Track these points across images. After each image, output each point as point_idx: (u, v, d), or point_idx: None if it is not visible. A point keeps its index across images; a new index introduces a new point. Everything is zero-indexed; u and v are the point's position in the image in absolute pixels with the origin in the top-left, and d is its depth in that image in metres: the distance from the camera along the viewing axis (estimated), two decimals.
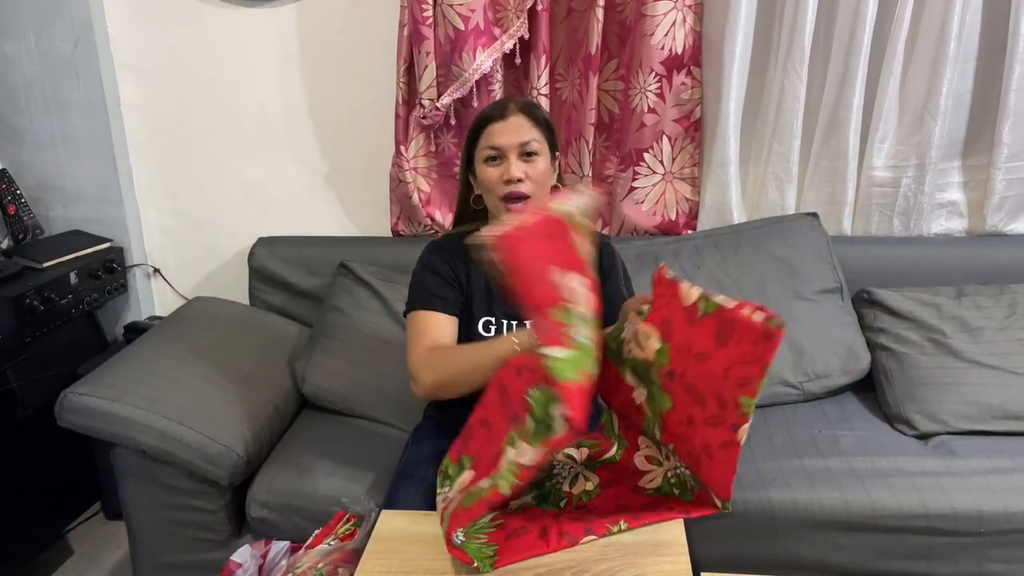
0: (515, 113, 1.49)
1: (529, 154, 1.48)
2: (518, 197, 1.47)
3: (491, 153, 1.48)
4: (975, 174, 2.12)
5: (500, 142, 1.47)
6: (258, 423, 1.78)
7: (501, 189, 1.48)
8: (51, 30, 2.19)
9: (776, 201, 2.15)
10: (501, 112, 1.49)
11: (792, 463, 1.66)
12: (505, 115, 1.48)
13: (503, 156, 1.48)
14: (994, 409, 1.75)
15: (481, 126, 1.51)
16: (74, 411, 1.68)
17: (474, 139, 1.52)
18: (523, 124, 1.48)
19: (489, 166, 1.49)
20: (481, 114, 1.53)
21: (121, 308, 2.45)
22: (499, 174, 1.48)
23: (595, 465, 1.34)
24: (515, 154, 1.47)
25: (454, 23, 1.96)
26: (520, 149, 1.47)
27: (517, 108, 1.50)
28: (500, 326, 1.53)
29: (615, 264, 1.61)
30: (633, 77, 2.04)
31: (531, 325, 1.36)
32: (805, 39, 1.97)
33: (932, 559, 1.57)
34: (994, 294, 1.92)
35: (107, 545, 2.23)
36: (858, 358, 1.92)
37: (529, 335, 1.29)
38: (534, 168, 1.48)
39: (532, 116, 1.49)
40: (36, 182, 2.33)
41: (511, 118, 1.48)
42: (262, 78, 2.25)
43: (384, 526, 1.26)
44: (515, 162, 1.47)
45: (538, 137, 1.49)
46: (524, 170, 1.47)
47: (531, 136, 1.48)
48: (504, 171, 1.47)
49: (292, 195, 2.35)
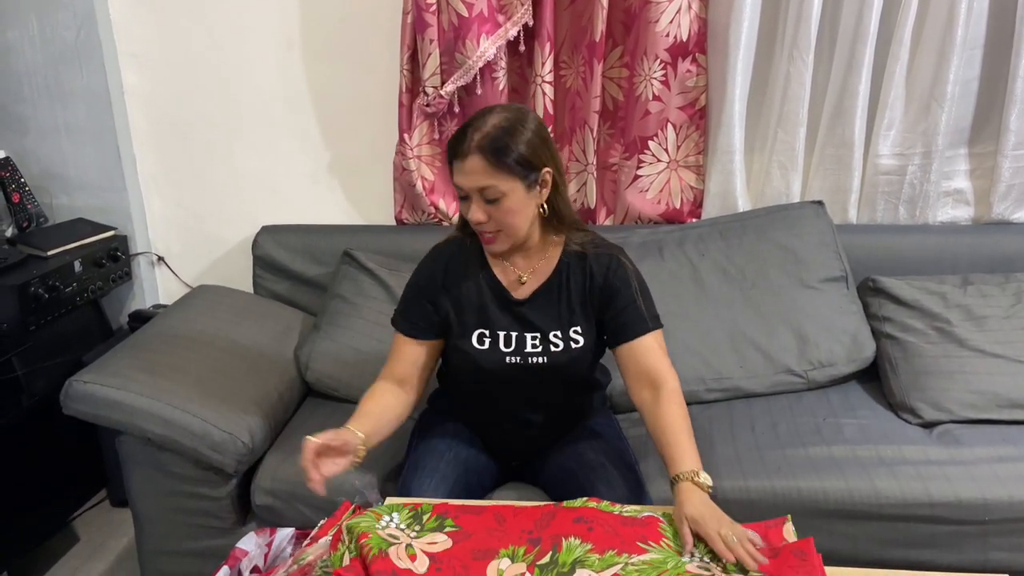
0: (473, 154, 1.34)
1: (489, 200, 1.38)
2: (486, 232, 1.42)
3: (460, 192, 1.41)
4: (981, 162, 2.11)
5: (460, 183, 1.39)
6: (262, 411, 1.78)
7: (472, 222, 1.42)
8: (54, 18, 2.18)
9: (781, 189, 2.14)
10: (461, 151, 1.36)
11: (796, 451, 1.66)
12: (464, 156, 1.35)
13: (468, 196, 1.39)
14: (999, 398, 1.75)
15: (450, 158, 1.40)
16: (79, 399, 1.69)
17: (450, 165, 1.43)
18: (479, 167, 1.35)
19: (461, 200, 1.43)
20: (450, 141, 1.41)
21: (125, 296, 2.45)
22: (466, 210, 1.41)
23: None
24: (476, 196, 1.38)
25: (458, 10, 1.95)
26: (480, 193, 1.37)
27: (476, 148, 1.34)
28: (496, 339, 1.49)
29: (628, 280, 1.48)
30: (638, 64, 2.03)
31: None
32: (811, 26, 1.96)
33: (936, 547, 1.57)
34: (999, 282, 1.92)
35: (113, 532, 2.24)
36: (863, 346, 1.91)
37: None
38: (497, 209, 1.38)
39: (491, 158, 1.34)
40: (40, 170, 2.33)
41: (469, 159, 1.35)
42: (265, 66, 2.25)
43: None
44: (475, 206, 1.39)
45: (499, 180, 1.35)
46: (487, 212, 1.38)
47: (488, 182, 1.35)
48: (469, 211, 1.40)
49: (296, 183, 2.35)
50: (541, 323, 1.48)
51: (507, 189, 1.37)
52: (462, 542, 1.22)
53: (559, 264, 1.49)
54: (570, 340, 1.48)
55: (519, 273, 1.50)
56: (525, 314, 1.49)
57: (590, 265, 1.48)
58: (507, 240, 1.44)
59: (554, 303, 1.49)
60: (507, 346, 1.49)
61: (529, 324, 1.49)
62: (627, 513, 1.28)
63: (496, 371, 1.49)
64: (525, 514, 1.29)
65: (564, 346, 1.48)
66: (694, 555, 1.19)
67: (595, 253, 1.49)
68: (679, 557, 1.17)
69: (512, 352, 1.48)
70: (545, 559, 1.17)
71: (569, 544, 1.20)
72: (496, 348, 1.49)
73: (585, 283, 1.48)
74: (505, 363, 1.48)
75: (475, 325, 1.50)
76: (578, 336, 1.48)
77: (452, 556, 1.19)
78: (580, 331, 1.48)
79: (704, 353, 1.90)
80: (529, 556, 1.18)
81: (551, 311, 1.49)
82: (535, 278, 1.50)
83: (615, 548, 1.18)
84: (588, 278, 1.48)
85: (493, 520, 1.27)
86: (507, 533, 1.24)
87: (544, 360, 1.48)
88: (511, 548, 1.20)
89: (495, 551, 1.20)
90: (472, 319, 1.50)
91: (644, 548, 1.19)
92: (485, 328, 1.50)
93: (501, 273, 1.51)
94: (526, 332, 1.49)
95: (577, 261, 1.49)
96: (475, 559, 1.18)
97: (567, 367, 1.49)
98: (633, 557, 1.16)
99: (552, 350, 1.48)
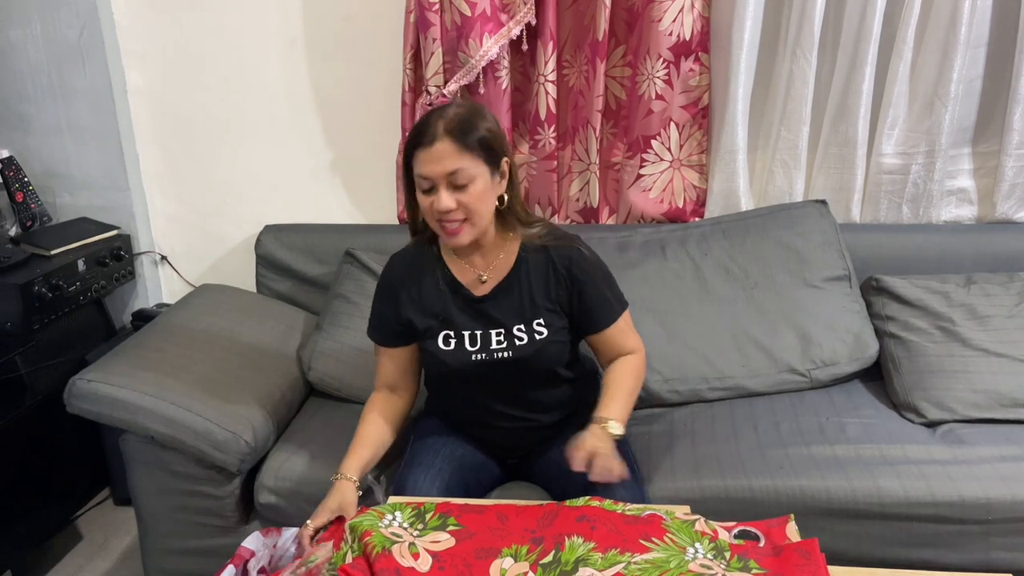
0: (441, 138, 1.37)
1: (458, 186, 1.39)
2: (452, 222, 1.43)
3: (424, 184, 1.41)
4: (985, 161, 2.11)
5: (426, 171, 1.39)
6: (265, 410, 1.79)
7: (436, 215, 1.42)
8: (57, 17, 2.18)
9: (784, 188, 2.14)
10: (427, 137, 1.38)
11: (799, 451, 1.65)
12: (432, 141, 1.37)
13: (434, 185, 1.40)
14: (1003, 397, 1.75)
15: (410, 149, 1.41)
16: (83, 397, 1.69)
17: (408, 160, 1.44)
18: (449, 151, 1.37)
19: (422, 193, 1.43)
20: (410, 135, 1.43)
21: (128, 295, 2.46)
22: (430, 203, 1.41)
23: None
24: (444, 184, 1.39)
25: (461, 9, 1.95)
26: (448, 179, 1.38)
27: (444, 131, 1.37)
28: (460, 339, 1.51)
29: (591, 271, 1.53)
30: (641, 63, 2.03)
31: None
32: (814, 24, 1.96)
33: (939, 547, 1.57)
34: (1003, 282, 1.91)
35: (116, 531, 2.24)
36: (866, 346, 1.91)
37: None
38: (466, 195, 1.40)
39: (459, 141, 1.37)
40: (43, 169, 2.34)
41: (437, 144, 1.37)
42: (268, 65, 2.25)
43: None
44: (443, 193, 1.39)
45: (468, 163, 1.38)
46: (456, 199, 1.39)
47: (458, 164, 1.37)
48: (435, 201, 1.40)
49: (298, 182, 2.35)
50: (503, 318, 1.51)
51: (475, 173, 1.39)
52: (465, 541, 1.22)
53: (518, 259, 1.52)
54: (534, 332, 1.50)
55: (478, 272, 1.53)
56: (487, 311, 1.52)
57: (551, 258, 1.51)
58: (472, 230, 1.44)
59: (515, 297, 1.51)
60: (472, 344, 1.51)
61: (492, 320, 1.51)
62: (629, 512, 1.28)
63: (464, 370, 1.51)
64: (528, 513, 1.29)
65: (528, 339, 1.50)
66: (698, 552, 1.19)
67: (555, 246, 1.52)
68: (682, 555, 1.18)
69: (478, 350, 1.51)
70: (548, 558, 1.17)
71: (572, 543, 1.20)
72: (462, 347, 1.51)
73: (548, 275, 1.51)
74: (472, 361, 1.51)
75: (439, 327, 1.53)
76: (542, 328, 1.50)
77: (455, 555, 1.19)
78: (543, 323, 1.51)
79: (707, 352, 1.90)
80: (532, 555, 1.19)
81: (513, 306, 1.51)
82: (495, 274, 1.53)
83: (618, 547, 1.18)
84: (551, 270, 1.51)
85: (496, 519, 1.27)
86: (510, 532, 1.24)
87: (509, 354, 1.50)
88: (514, 547, 1.20)
89: (498, 550, 1.20)
90: (435, 321, 1.53)
91: (647, 547, 1.19)
92: (449, 329, 1.52)
93: (460, 273, 1.54)
94: (490, 329, 1.51)
95: (536, 255, 1.52)
96: (478, 558, 1.18)
97: (534, 359, 1.51)
98: (636, 556, 1.16)
99: (517, 344, 1.50)
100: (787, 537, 1.23)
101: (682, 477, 1.62)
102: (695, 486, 1.60)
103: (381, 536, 1.20)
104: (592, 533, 1.21)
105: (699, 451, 1.68)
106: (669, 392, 1.88)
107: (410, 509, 1.29)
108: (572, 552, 1.18)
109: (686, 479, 1.61)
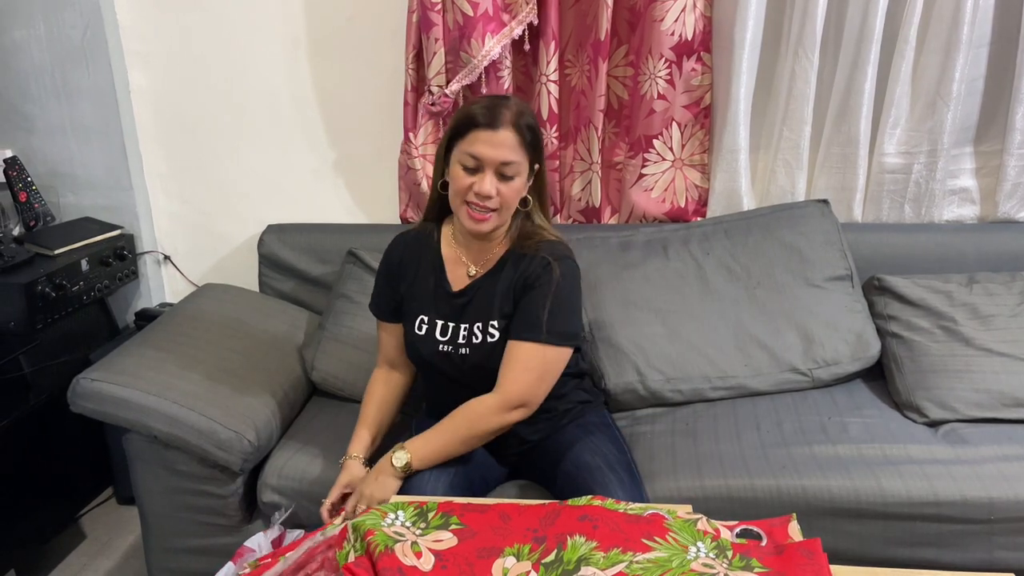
0: (506, 126, 1.40)
1: (506, 176, 1.43)
2: (483, 208, 1.44)
3: (470, 162, 1.43)
4: (987, 160, 2.11)
5: (482, 153, 1.41)
6: (268, 409, 1.79)
7: (468, 196, 1.44)
8: (60, 17, 2.19)
9: (786, 188, 2.14)
10: (492, 120, 1.40)
11: (801, 450, 1.65)
12: (495, 125, 1.40)
13: (480, 167, 1.42)
14: (1005, 397, 1.75)
15: (468, 126, 1.43)
16: (86, 397, 1.70)
17: (458, 135, 1.45)
18: (511, 142, 1.41)
19: (463, 171, 1.44)
20: (472, 111, 1.43)
21: (132, 295, 2.46)
22: (470, 184, 1.43)
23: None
24: (492, 169, 1.42)
25: (463, 9, 1.95)
26: (499, 167, 1.42)
27: (509, 121, 1.41)
28: (433, 326, 1.55)
29: (547, 284, 1.48)
30: (643, 63, 2.03)
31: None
32: (816, 24, 1.96)
33: (941, 546, 1.57)
34: (1006, 281, 1.91)
35: (119, 530, 2.25)
36: (868, 345, 1.91)
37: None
38: (508, 187, 1.44)
39: (521, 133, 1.42)
40: (47, 169, 2.34)
41: (502, 132, 1.40)
42: (271, 65, 2.25)
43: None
44: (489, 178, 1.42)
45: (520, 158, 1.43)
46: (497, 187, 1.42)
47: (514, 157, 1.42)
48: (476, 183, 1.42)
49: (301, 182, 2.35)
50: (470, 315, 1.54)
51: (521, 170, 1.45)
52: (467, 540, 1.22)
53: (499, 262, 1.54)
54: (487, 334, 1.52)
55: (468, 265, 1.56)
56: (460, 305, 1.55)
57: (524, 266, 1.51)
58: (497, 221, 1.48)
59: (484, 297, 1.54)
60: (443, 335, 1.55)
61: (464, 315, 1.55)
62: (632, 511, 1.28)
63: (431, 358, 1.55)
64: (530, 512, 1.29)
65: (482, 339, 1.52)
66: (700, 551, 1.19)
67: (535, 255, 1.51)
68: (684, 554, 1.18)
69: (447, 341, 1.55)
70: (550, 557, 1.18)
71: (574, 542, 1.20)
72: (432, 335, 1.55)
73: (513, 280, 1.52)
74: (438, 351, 1.55)
75: (418, 311, 1.57)
76: (494, 331, 1.51)
77: (457, 554, 1.19)
78: (496, 326, 1.51)
79: (709, 351, 1.90)
80: (534, 554, 1.19)
81: (480, 305, 1.54)
82: (481, 271, 1.56)
83: (620, 546, 1.18)
84: (519, 277, 1.51)
85: (498, 518, 1.27)
86: (512, 531, 1.24)
87: (467, 352, 1.53)
88: (516, 546, 1.21)
89: (500, 549, 1.20)
90: (417, 305, 1.57)
91: (649, 546, 1.19)
92: (425, 315, 1.56)
93: (452, 263, 1.57)
94: (461, 323, 1.54)
95: (516, 260, 1.53)
96: (480, 557, 1.19)
97: (486, 360, 1.51)
98: (638, 555, 1.17)
99: (474, 342, 1.53)
100: (789, 536, 1.23)
101: (684, 476, 1.62)
102: (697, 485, 1.60)
103: (384, 535, 1.20)
104: (594, 532, 1.21)
105: (701, 450, 1.68)
106: (671, 391, 1.88)
107: (412, 508, 1.29)
108: (574, 551, 1.18)
109: (688, 478, 1.61)
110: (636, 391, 1.88)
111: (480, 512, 1.29)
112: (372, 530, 1.21)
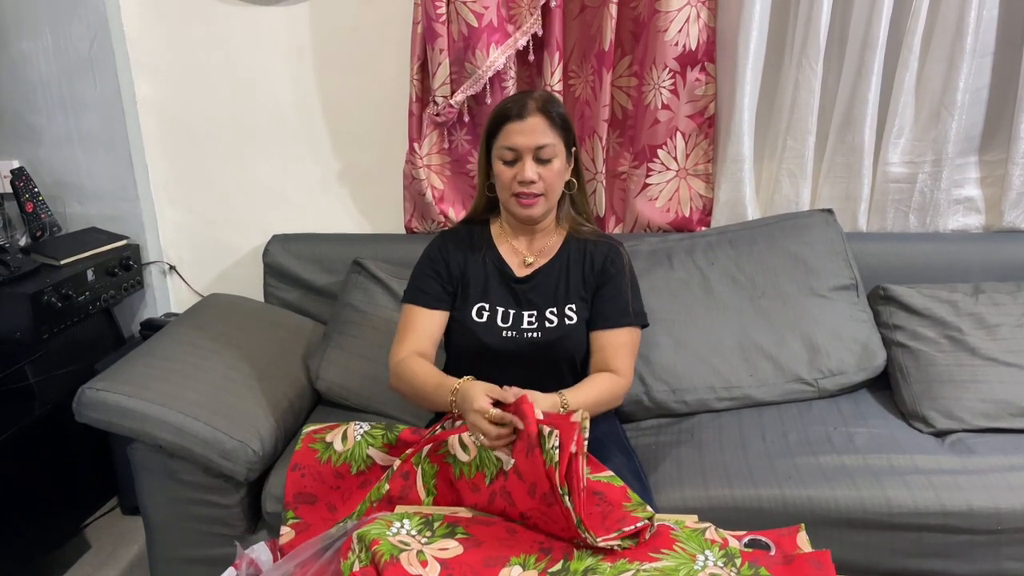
0: (534, 113, 1.50)
1: (543, 160, 1.51)
2: (530, 195, 1.52)
3: (507, 155, 1.52)
4: (992, 170, 2.10)
5: (516, 142, 1.50)
6: (273, 419, 1.79)
7: (514, 187, 1.53)
8: (68, 29, 2.20)
9: (791, 197, 2.14)
10: (520, 111, 1.50)
11: (807, 460, 1.65)
12: (524, 114, 1.50)
13: (518, 157, 1.50)
14: (1011, 406, 1.74)
15: (500, 122, 1.52)
16: (92, 406, 1.70)
17: (492, 133, 1.55)
18: (540, 126, 1.50)
19: (504, 165, 1.53)
20: (501, 108, 1.54)
21: (137, 305, 2.47)
22: (512, 174, 1.52)
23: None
24: (530, 155, 1.50)
25: (468, 20, 1.96)
26: (535, 152, 1.50)
27: (536, 108, 1.50)
28: (494, 313, 1.58)
29: (622, 270, 1.62)
30: (647, 73, 2.04)
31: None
32: (820, 34, 1.96)
33: (948, 557, 1.56)
34: (1011, 291, 1.91)
35: (124, 540, 2.25)
36: (873, 355, 1.91)
37: (463, 399, 1.39)
38: (548, 170, 1.52)
39: (550, 117, 1.51)
40: (53, 180, 2.35)
41: (529, 119, 1.49)
42: (276, 76, 2.26)
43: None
44: (529, 163, 1.50)
45: (554, 140, 1.51)
46: (538, 172, 1.51)
47: (547, 140, 1.50)
48: (518, 172, 1.51)
49: (306, 192, 2.36)
50: (538, 301, 1.59)
51: (558, 151, 1.52)
52: (473, 549, 1.22)
53: (561, 248, 1.61)
54: (564, 316, 1.57)
55: (524, 254, 1.62)
56: (524, 292, 1.60)
57: (591, 251, 1.60)
58: (545, 205, 1.56)
59: (552, 283, 1.59)
60: (504, 321, 1.58)
61: (527, 302, 1.59)
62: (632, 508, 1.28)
63: (493, 344, 1.57)
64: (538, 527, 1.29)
65: (559, 322, 1.56)
66: (708, 560, 1.18)
67: (598, 241, 1.64)
68: (692, 564, 1.17)
69: (509, 327, 1.57)
70: (556, 567, 1.17)
71: (581, 553, 1.20)
72: (494, 322, 1.58)
73: (584, 266, 1.59)
74: (501, 336, 1.57)
75: (476, 298, 1.60)
76: (572, 313, 1.57)
77: (463, 563, 1.19)
78: (575, 309, 1.57)
79: (714, 361, 1.89)
80: (541, 563, 1.18)
81: (549, 290, 1.59)
82: (539, 259, 1.62)
83: (626, 556, 1.18)
84: (588, 262, 1.59)
85: (504, 531, 1.27)
86: (519, 542, 1.24)
87: (539, 335, 1.56)
88: (522, 556, 1.20)
89: (506, 558, 1.20)
90: (474, 292, 1.60)
91: (655, 557, 1.18)
92: (485, 302, 1.59)
93: (507, 253, 1.63)
94: (523, 310, 1.58)
95: (578, 246, 1.61)
96: (486, 566, 1.18)
97: (560, 342, 1.56)
98: (645, 565, 1.16)
99: (547, 326, 1.57)
100: (798, 546, 1.23)
101: (690, 486, 1.62)
102: (703, 495, 1.59)
103: (389, 544, 1.20)
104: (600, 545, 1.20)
105: (707, 461, 1.68)
106: (676, 402, 1.87)
107: (418, 518, 1.29)
108: (581, 562, 1.18)
109: (694, 488, 1.61)
110: (641, 402, 1.88)
111: (486, 525, 1.29)
112: (377, 539, 1.20)
